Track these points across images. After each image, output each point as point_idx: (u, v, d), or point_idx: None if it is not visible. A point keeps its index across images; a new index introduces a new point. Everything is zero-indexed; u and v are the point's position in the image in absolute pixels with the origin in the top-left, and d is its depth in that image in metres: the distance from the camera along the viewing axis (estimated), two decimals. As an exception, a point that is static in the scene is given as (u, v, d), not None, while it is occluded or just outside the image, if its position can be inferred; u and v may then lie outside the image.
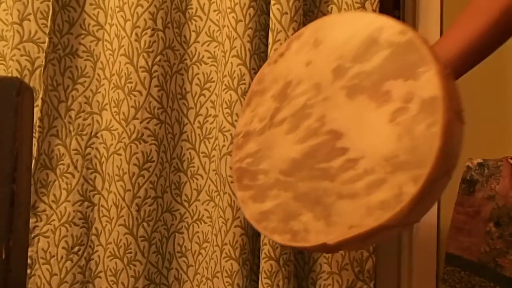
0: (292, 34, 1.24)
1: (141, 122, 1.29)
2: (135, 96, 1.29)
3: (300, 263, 1.32)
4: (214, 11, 1.34)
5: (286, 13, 1.24)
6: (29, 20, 1.28)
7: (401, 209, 0.80)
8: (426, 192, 0.80)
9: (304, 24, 1.30)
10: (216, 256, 1.27)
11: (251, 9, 1.26)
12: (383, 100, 0.86)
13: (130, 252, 1.30)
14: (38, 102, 1.28)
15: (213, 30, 1.34)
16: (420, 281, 1.39)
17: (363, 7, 1.29)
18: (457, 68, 0.90)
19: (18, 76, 1.26)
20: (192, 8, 1.35)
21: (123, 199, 1.29)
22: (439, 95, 0.81)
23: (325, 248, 0.87)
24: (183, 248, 1.35)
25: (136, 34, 1.28)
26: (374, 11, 1.29)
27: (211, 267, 1.28)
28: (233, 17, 1.26)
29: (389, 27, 0.91)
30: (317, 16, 1.33)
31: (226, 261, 1.25)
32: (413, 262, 1.40)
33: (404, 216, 0.81)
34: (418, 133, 0.80)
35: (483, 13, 0.91)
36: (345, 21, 1.00)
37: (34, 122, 1.27)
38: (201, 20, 1.35)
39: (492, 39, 0.92)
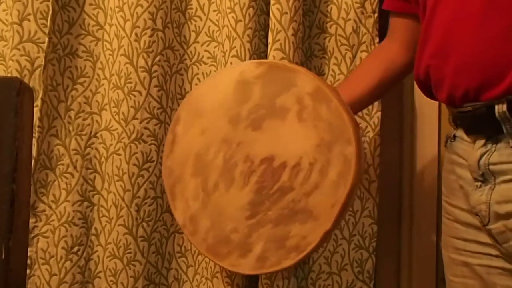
0: (292, 34, 1.24)
1: (140, 122, 1.29)
2: (134, 96, 1.29)
3: (300, 263, 1.32)
4: (214, 11, 1.33)
5: (286, 13, 1.24)
6: (29, 20, 1.28)
7: (355, 165, 0.99)
8: (361, 145, 1.01)
9: (304, 24, 1.31)
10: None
11: (251, 9, 1.25)
12: (283, 113, 1.05)
13: (130, 252, 1.30)
14: (38, 102, 1.27)
15: (213, 30, 1.34)
16: (420, 281, 1.38)
17: (362, 7, 1.29)
18: (356, 106, 1.13)
19: (18, 76, 1.26)
20: (192, 8, 1.35)
21: (123, 199, 1.29)
22: (318, 84, 1.03)
23: (327, 234, 1.01)
24: (183, 248, 1.35)
25: (136, 34, 1.28)
26: (373, 11, 1.30)
27: (211, 267, 1.28)
28: (232, 17, 1.26)
29: (247, 67, 1.12)
30: (316, 16, 1.33)
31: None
32: (413, 262, 1.40)
33: (360, 169, 1.00)
34: (324, 114, 1.01)
35: (372, 72, 1.16)
36: (210, 84, 1.18)
37: (34, 122, 1.27)
38: (201, 20, 1.35)
39: (379, 90, 1.17)
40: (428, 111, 1.39)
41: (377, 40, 1.31)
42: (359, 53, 1.31)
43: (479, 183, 0.90)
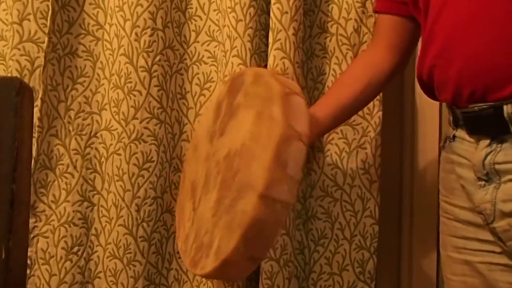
0: (293, 33, 1.24)
1: (140, 122, 1.29)
2: (134, 96, 1.29)
3: (301, 263, 1.32)
4: (214, 10, 1.33)
5: (287, 12, 1.23)
6: (29, 20, 1.28)
7: (281, 120, 0.94)
8: (287, 104, 0.97)
9: (305, 24, 1.31)
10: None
11: (252, 8, 1.25)
12: (237, 110, 1.07)
13: (130, 253, 1.29)
14: (38, 102, 1.27)
15: (213, 30, 1.34)
16: (420, 281, 1.39)
17: (363, 6, 1.29)
18: (329, 124, 1.14)
19: (18, 76, 1.26)
20: (192, 8, 1.35)
21: (123, 199, 1.29)
22: (256, 70, 1.12)
23: (261, 198, 0.93)
24: (183, 248, 1.35)
25: (136, 34, 1.28)
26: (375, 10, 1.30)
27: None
28: (233, 16, 1.26)
29: (221, 87, 1.19)
30: (317, 16, 1.33)
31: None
32: (413, 262, 1.40)
33: (288, 123, 0.95)
34: (260, 92, 1.03)
35: (351, 85, 1.14)
36: (204, 114, 1.27)
37: (34, 122, 1.26)
38: (201, 19, 1.35)
39: (365, 97, 1.15)
40: (429, 111, 1.39)
41: None
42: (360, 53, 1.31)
43: (482, 182, 0.91)
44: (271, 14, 1.24)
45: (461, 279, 0.98)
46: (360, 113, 1.25)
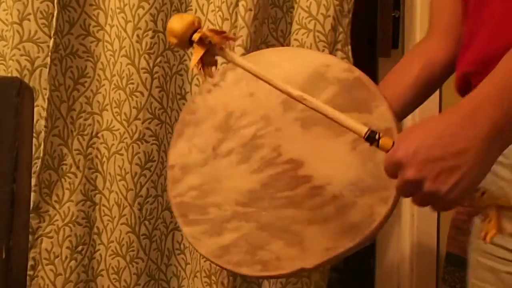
0: (254, 31, 1.26)
1: (142, 123, 1.30)
2: (136, 97, 1.30)
3: (255, 281, 1.31)
4: (212, 11, 1.33)
5: (250, 9, 1.25)
6: (29, 20, 1.28)
7: (375, 227, 0.86)
8: (393, 210, 0.87)
9: (286, 21, 1.32)
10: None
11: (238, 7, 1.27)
12: (340, 130, 0.85)
13: (133, 250, 1.31)
14: (38, 102, 1.28)
15: (211, 30, 1.35)
16: (420, 281, 1.38)
17: (340, 5, 1.30)
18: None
19: (18, 76, 1.26)
20: (191, 10, 1.35)
21: (125, 198, 1.30)
22: (393, 127, 0.89)
23: (301, 272, 0.90)
24: (182, 246, 1.36)
25: (138, 36, 1.29)
26: (349, 11, 1.31)
27: (208, 269, 1.29)
28: (219, 15, 1.28)
29: (335, 65, 0.98)
30: (297, 11, 1.33)
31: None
32: (413, 262, 1.40)
33: (375, 233, 0.88)
34: (379, 159, 0.81)
35: (409, 67, 1.03)
36: (287, 56, 1.05)
37: (39, 122, 1.27)
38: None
39: (417, 92, 1.03)
40: (429, 111, 1.39)
41: (349, 40, 1.31)
42: (334, 52, 1.31)
43: None
44: (238, 11, 1.26)
45: (484, 286, 0.91)
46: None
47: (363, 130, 0.75)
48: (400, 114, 1.02)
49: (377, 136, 0.74)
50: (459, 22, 0.97)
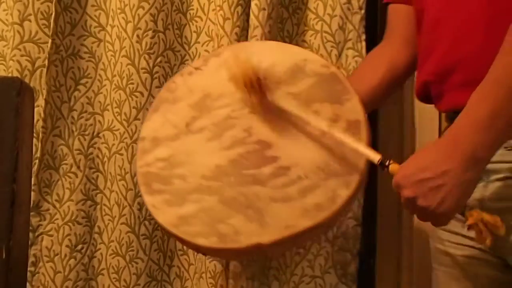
0: (269, 31, 1.25)
1: (142, 123, 1.30)
2: (136, 97, 1.30)
3: (282, 266, 1.31)
4: (213, 10, 1.33)
5: (264, 9, 1.25)
6: (30, 20, 1.29)
7: (335, 209, 0.91)
8: (355, 196, 0.94)
9: (292, 22, 1.33)
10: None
11: (239, 7, 1.27)
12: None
13: (132, 250, 1.31)
14: (39, 102, 1.28)
15: (212, 29, 1.34)
16: (420, 281, 1.38)
17: (349, 3, 1.30)
18: None
19: (19, 76, 1.27)
20: (193, 9, 1.36)
21: (125, 198, 1.31)
22: (362, 119, 0.97)
23: (258, 248, 0.91)
24: (184, 247, 1.35)
25: (138, 36, 1.29)
26: (360, 7, 1.31)
27: (212, 269, 1.29)
28: (221, 15, 1.27)
29: (314, 60, 1.06)
30: (304, 13, 1.34)
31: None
32: (413, 262, 1.40)
33: (336, 216, 0.93)
34: (347, 148, 0.93)
35: (373, 74, 1.12)
36: (268, 48, 1.12)
37: (38, 122, 1.28)
38: (201, 20, 1.35)
39: (381, 95, 1.14)
40: (429, 111, 1.38)
41: (363, 37, 1.31)
42: (345, 50, 1.31)
43: None
44: (251, 11, 1.26)
45: (445, 270, 1.03)
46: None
47: (377, 157, 0.88)
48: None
49: (387, 163, 0.87)
50: (415, 32, 1.07)
